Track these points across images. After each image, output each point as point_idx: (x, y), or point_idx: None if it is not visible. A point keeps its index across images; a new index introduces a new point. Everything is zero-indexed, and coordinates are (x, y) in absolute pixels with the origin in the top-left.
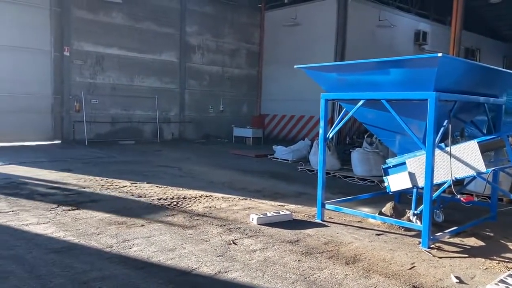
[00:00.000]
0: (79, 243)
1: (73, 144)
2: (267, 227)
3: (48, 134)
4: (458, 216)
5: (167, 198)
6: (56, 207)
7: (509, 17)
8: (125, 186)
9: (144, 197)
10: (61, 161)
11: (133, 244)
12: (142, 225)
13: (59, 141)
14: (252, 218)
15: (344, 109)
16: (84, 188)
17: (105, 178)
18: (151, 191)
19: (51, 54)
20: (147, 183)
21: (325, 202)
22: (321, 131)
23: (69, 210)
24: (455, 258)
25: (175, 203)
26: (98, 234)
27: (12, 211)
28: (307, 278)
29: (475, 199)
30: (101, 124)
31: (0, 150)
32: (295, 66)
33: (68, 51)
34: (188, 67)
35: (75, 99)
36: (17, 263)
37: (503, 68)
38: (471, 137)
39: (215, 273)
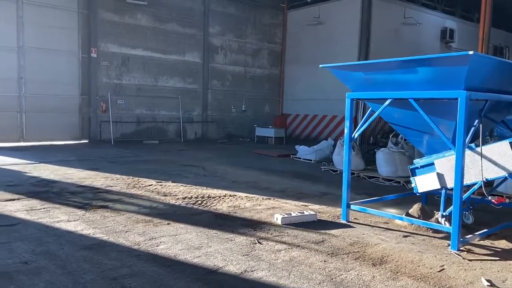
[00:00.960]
0: (108, 240)
1: (99, 144)
2: (292, 227)
3: (75, 133)
4: (488, 218)
5: (191, 197)
6: (85, 205)
7: None
8: (151, 185)
9: (170, 195)
10: (88, 160)
11: (160, 242)
12: (168, 224)
13: (86, 141)
14: (276, 218)
15: (370, 108)
16: (112, 186)
17: (131, 177)
18: (176, 190)
19: (78, 55)
20: (172, 182)
21: (350, 202)
22: (346, 130)
23: (98, 208)
24: (485, 261)
25: (199, 202)
26: (126, 232)
27: (44, 208)
28: (334, 279)
29: (506, 200)
30: (126, 124)
31: (30, 149)
32: (320, 66)
33: (95, 52)
34: (211, 68)
35: (102, 99)
36: (49, 259)
37: None
38: (500, 137)
39: (241, 272)
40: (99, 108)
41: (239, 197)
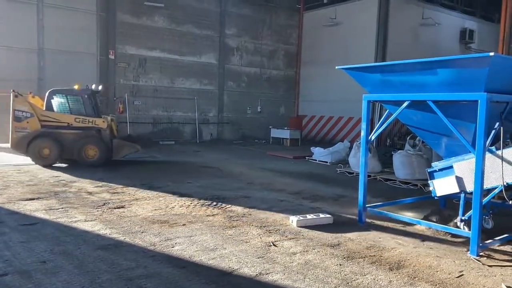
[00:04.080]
0: (125, 240)
1: None
2: (307, 229)
3: None
4: (509, 223)
5: (207, 198)
6: (102, 205)
7: None
8: (167, 185)
9: (185, 196)
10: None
11: (176, 243)
12: (184, 225)
13: None
14: (292, 220)
15: (387, 110)
16: (128, 186)
17: (147, 178)
18: (191, 191)
19: (97, 57)
20: (188, 182)
21: (367, 205)
22: (363, 133)
23: (114, 208)
24: (506, 267)
25: (215, 203)
26: (142, 232)
27: (62, 208)
28: (349, 283)
29: None
30: (143, 125)
31: None
32: (336, 67)
33: (113, 54)
34: (227, 69)
35: (119, 100)
36: (66, 259)
37: None
38: None
39: (256, 274)
40: (117, 109)
41: (254, 198)
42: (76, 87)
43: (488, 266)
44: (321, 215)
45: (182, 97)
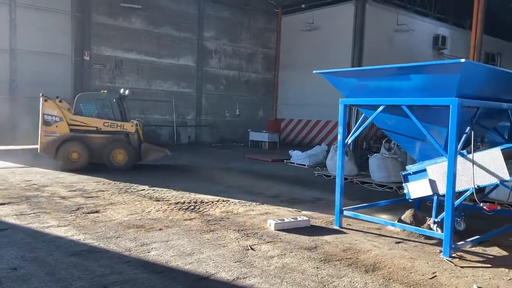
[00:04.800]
0: (99, 246)
1: None
2: (285, 233)
3: None
4: (480, 224)
5: (184, 202)
6: (75, 210)
7: None
8: (143, 190)
9: (162, 200)
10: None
11: (152, 248)
12: (160, 229)
13: None
14: (270, 224)
15: (363, 114)
16: (103, 191)
17: (123, 182)
18: (168, 195)
19: (71, 58)
20: (165, 187)
21: (343, 208)
22: (339, 136)
23: (88, 213)
24: (477, 268)
25: (192, 207)
26: (117, 238)
27: (33, 213)
28: (326, 286)
29: (498, 207)
30: None
31: (20, 153)
32: (314, 72)
33: (88, 55)
34: (205, 72)
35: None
36: (38, 265)
37: None
38: (491, 144)
39: (234, 279)
40: None
41: (232, 202)
42: (104, 91)
43: (460, 267)
44: (299, 218)
45: (159, 100)
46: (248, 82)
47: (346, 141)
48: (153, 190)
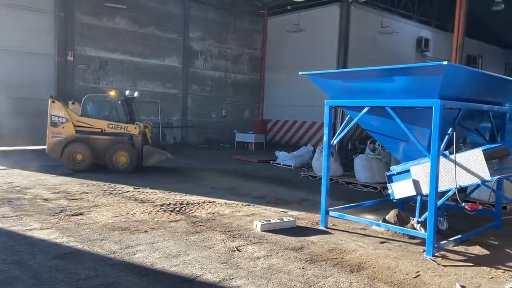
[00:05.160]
0: (83, 249)
1: None
2: (271, 233)
3: None
4: (462, 224)
5: (170, 204)
6: (59, 212)
7: None
8: (128, 191)
9: (147, 202)
10: (63, 166)
11: (137, 251)
12: (146, 231)
13: None
14: (256, 225)
15: (348, 116)
16: (87, 193)
17: (107, 183)
18: (154, 197)
19: (54, 58)
20: (150, 188)
21: (329, 209)
22: (325, 137)
23: (72, 215)
24: (460, 267)
25: (178, 208)
26: (101, 240)
27: (16, 216)
28: (312, 286)
29: (480, 207)
30: None
31: (3, 154)
32: (299, 73)
33: (71, 55)
34: (191, 72)
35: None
36: (21, 269)
37: (505, 75)
38: (473, 145)
39: (220, 280)
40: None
41: (219, 203)
42: (112, 93)
43: (443, 266)
44: (285, 219)
45: (144, 100)
46: (234, 83)
47: (331, 142)
48: (138, 191)
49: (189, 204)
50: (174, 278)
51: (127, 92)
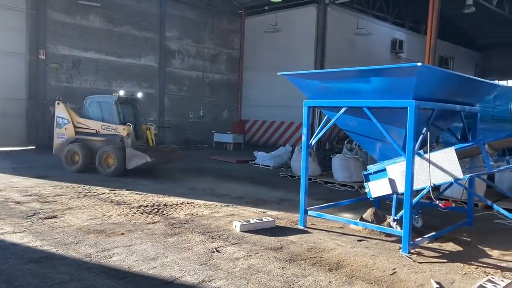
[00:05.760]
0: (57, 252)
1: (48, 150)
2: (250, 234)
3: (22, 139)
4: (435, 221)
5: (147, 205)
6: (31, 215)
7: (482, 26)
8: (104, 193)
9: (124, 204)
10: (36, 168)
11: (114, 254)
12: (122, 234)
13: (34, 147)
14: (235, 225)
15: (326, 116)
16: (61, 195)
17: (82, 185)
18: (130, 198)
19: (26, 57)
20: (127, 190)
21: (308, 208)
22: (304, 138)
23: (46, 219)
24: (434, 263)
25: (156, 210)
26: (76, 243)
27: None
28: (292, 286)
29: (453, 204)
30: None
31: None
32: (278, 73)
33: (43, 54)
34: (168, 72)
35: (51, 103)
36: None
37: (475, 76)
38: (446, 144)
39: (199, 282)
40: (48, 112)
41: (197, 204)
42: (120, 93)
43: (419, 263)
44: (264, 219)
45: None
46: (212, 83)
47: (310, 142)
48: (114, 193)
49: (167, 205)
50: (152, 280)
51: (121, 93)
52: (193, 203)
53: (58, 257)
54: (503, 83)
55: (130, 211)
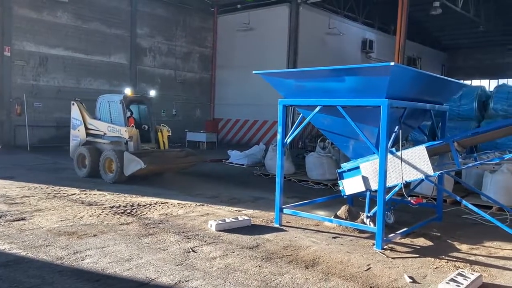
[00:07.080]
0: (27, 256)
1: (14, 150)
2: (226, 233)
3: None
4: (406, 217)
5: (120, 206)
6: None
7: (449, 28)
8: (74, 194)
9: (96, 205)
10: (1, 168)
11: (86, 256)
12: (95, 235)
13: None
14: (211, 225)
15: (301, 114)
16: (29, 196)
17: (51, 186)
18: (102, 199)
19: None
20: (98, 190)
21: (283, 206)
22: (279, 136)
23: (14, 221)
24: (407, 258)
25: (129, 210)
26: (46, 246)
27: None
28: (269, 284)
29: (424, 200)
30: (45, 128)
31: None
32: (253, 72)
33: (8, 51)
34: (139, 70)
35: (16, 102)
36: None
37: (442, 76)
38: (415, 142)
39: (175, 283)
40: (13, 111)
41: (171, 204)
42: (126, 91)
43: (392, 258)
44: (240, 218)
45: (89, 99)
46: (184, 81)
47: (285, 140)
48: (85, 194)
49: (140, 205)
50: (127, 282)
51: (127, 91)
52: (167, 203)
53: (28, 261)
54: (468, 82)
55: (102, 211)
